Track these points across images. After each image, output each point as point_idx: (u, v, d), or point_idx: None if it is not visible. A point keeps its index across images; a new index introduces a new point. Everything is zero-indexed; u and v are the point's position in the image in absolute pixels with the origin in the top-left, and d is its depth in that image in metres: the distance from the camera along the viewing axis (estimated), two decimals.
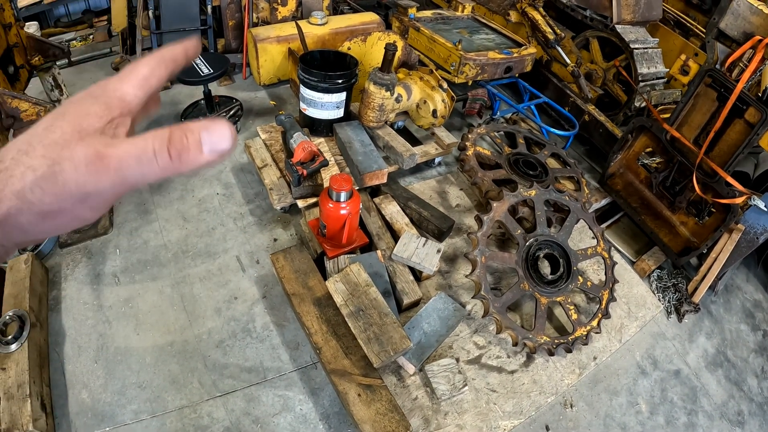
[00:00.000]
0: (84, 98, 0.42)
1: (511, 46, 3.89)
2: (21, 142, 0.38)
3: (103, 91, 0.42)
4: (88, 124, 0.39)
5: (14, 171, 0.37)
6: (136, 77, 0.45)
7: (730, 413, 2.58)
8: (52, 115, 0.40)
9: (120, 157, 0.37)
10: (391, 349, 2.13)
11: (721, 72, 2.65)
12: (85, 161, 0.37)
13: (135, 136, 0.39)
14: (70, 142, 0.37)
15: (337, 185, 2.36)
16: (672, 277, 3.09)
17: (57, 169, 0.37)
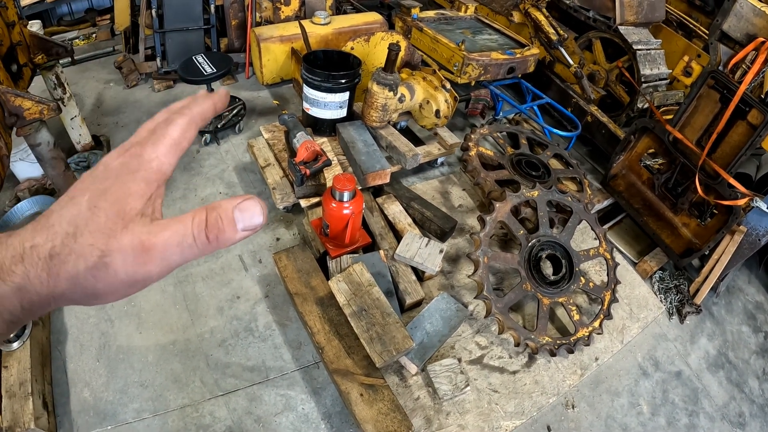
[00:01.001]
0: (123, 173, 0.42)
1: (514, 46, 3.89)
2: (67, 221, 0.39)
3: (139, 163, 0.43)
4: (130, 207, 0.41)
5: (66, 257, 0.38)
6: (169, 141, 0.45)
7: (731, 415, 2.58)
8: (93, 190, 0.41)
9: (163, 246, 0.40)
10: (394, 349, 2.13)
11: (724, 73, 2.65)
12: (133, 253, 0.39)
13: (173, 220, 0.41)
14: (116, 230, 0.39)
15: (340, 185, 2.36)
16: (674, 278, 3.09)
17: (107, 260, 0.39)
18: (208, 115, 0.49)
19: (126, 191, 0.41)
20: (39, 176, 3.12)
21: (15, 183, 3.13)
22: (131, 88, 4.21)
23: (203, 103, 0.49)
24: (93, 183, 0.42)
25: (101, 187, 0.41)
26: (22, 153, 2.96)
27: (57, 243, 0.39)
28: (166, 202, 3.14)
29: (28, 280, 0.38)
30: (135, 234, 0.40)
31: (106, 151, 3.45)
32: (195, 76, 3.34)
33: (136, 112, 3.93)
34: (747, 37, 2.67)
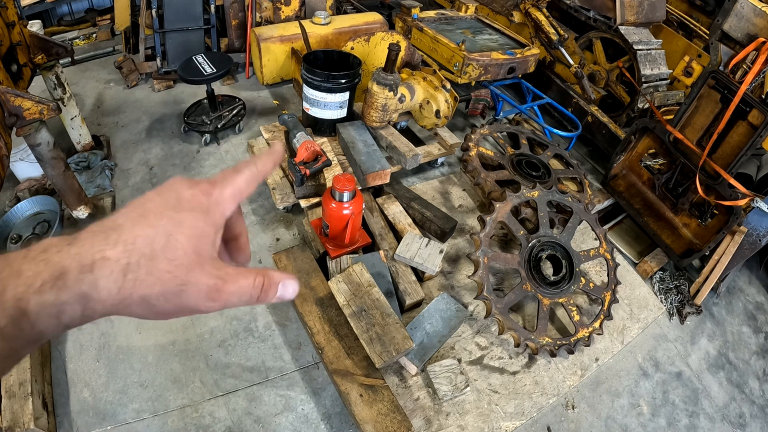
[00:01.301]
0: (196, 208, 0.46)
1: (515, 46, 3.89)
2: (143, 242, 0.42)
3: (209, 203, 0.48)
4: (203, 247, 0.46)
5: (144, 278, 0.41)
6: (235, 188, 0.51)
7: (732, 415, 2.57)
8: (169, 218, 0.44)
9: (229, 294, 0.45)
10: (394, 349, 2.13)
11: (725, 74, 2.64)
12: (206, 291, 0.44)
13: (239, 274, 0.47)
14: (194, 267, 0.44)
15: (340, 185, 2.36)
16: (674, 278, 3.08)
17: (183, 289, 0.43)
18: (269, 172, 0.55)
19: (200, 231, 0.45)
20: (39, 176, 3.12)
21: (15, 183, 3.13)
22: (131, 88, 4.21)
23: (267, 162, 0.55)
24: (166, 209, 0.45)
25: (177, 217, 0.45)
26: (22, 153, 2.96)
27: (132, 261, 0.41)
28: None
29: (95, 290, 0.40)
30: (210, 275, 0.45)
31: (106, 151, 3.45)
32: (195, 76, 3.34)
33: (136, 112, 3.93)
34: (748, 37, 2.66)
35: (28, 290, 0.39)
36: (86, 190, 2.96)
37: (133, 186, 3.26)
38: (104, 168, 3.27)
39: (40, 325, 0.40)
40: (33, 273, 0.39)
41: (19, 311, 0.39)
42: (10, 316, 0.39)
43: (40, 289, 0.39)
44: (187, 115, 3.70)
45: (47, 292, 0.39)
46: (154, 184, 3.28)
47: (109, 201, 3.08)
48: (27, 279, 0.39)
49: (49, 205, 3.02)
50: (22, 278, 0.39)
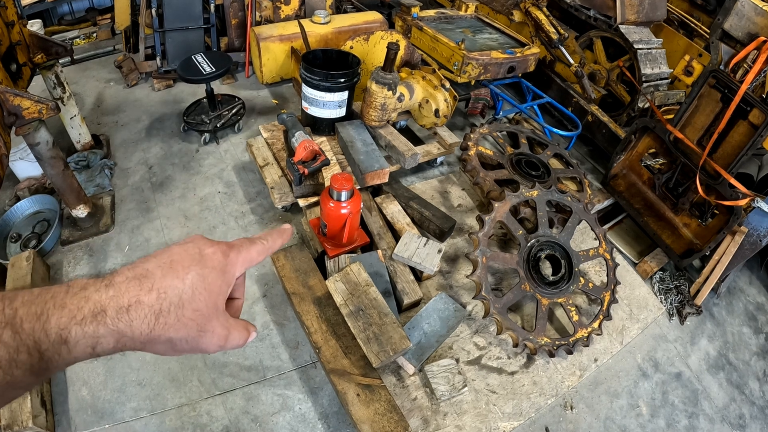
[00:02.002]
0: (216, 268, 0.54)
1: (515, 45, 3.88)
2: (173, 293, 0.49)
3: (225, 264, 0.55)
4: (219, 302, 0.54)
5: (173, 323, 0.49)
6: (247, 256, 0.59)
7: (732, 416, 2.56)
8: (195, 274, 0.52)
9: (230, 341, 0.55)
10: (391, 349, 2.13)
11: (726, 73, 2.63)
12: (218, 339, 0.54)
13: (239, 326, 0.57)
14: (211, 318, 0.53)
15: (338, 184, 2.36)
16: (674, 279, 3.07)
17: (201, 335, 0.52)
18: (276, 249, 0.64)
19: (218, 288, 0.54)
20: (39, 175, 3.12)
21: (15, 182, 3.14)
22: (131, 88, 4.21)
23: (277, 239, 0.64)
24: (192, 264, 0.52)
25: (201, 273, 0.52)
26: (22, 152, 2.97)
27: (164, 308, 0.48)
28: (164, 201, 3.15)
29: (130, 329, 0.47)
30: (222, 326, 0.54)
31: (106, 150, 3.45)
32: (194, 76, 3.34)
33: (136, 112, 3.94)
34: (748, 37, 2.65)
35: (71, 321, 0.45)
36: (86, 189, 2.97)
37: (133, 185, 3.27)
38: (104, 167, 3.27)
39: (75, 352, 0.46)
40: (76, 307, 0.46)
41: (61, 339, 0.45)
42: (52, 342, 0.45)
43: (81, 321, 0.45)
44: (187, 114, 3.71)
45: (87, 325, 0.46)
46: (153, 183, 3.28)
47: (108, 200, 3.09)
48: (70, 311, 0.46)
49: (49, 204, 3.03)
50: (66, 310, 0.45)
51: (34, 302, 0.45)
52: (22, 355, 0.43)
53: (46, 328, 0.44)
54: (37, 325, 0.44)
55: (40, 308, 0.45)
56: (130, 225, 2.99)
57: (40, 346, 0.44)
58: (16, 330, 0.43)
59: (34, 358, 0.44)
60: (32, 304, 0.45)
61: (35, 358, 0.44)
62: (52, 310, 0.45)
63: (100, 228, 2.93)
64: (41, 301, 0.46)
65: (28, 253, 2.52)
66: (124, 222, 3.01)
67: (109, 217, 2.99)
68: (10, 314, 0.44)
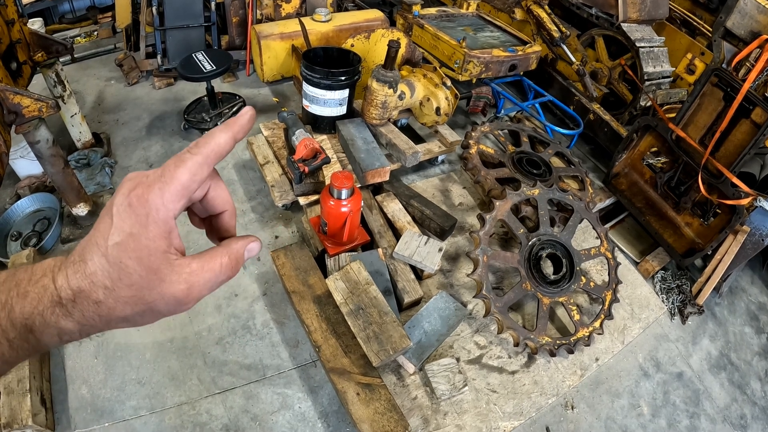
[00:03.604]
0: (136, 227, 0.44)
1: (516, 44, 3.86)
2: (101, 274, 0.44)
3: (148, 215, 0.44)
4: (155, 263, 0.45)
5: (114, 306, 0.45)
6: (176, 186, 0.45)
7: (733, 417, 2.55)
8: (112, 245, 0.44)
9: (200, 289, 0.47)
10: (391, 348, 2.12)
11: (728, 71, 2.61)
12: (174, 300, 0.46)
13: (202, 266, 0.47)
14: (153, 284, 0.45)
15: (338, 182, 2.35)
16: (676, 278, 3.06)
17: (153, 305, 0.46)
18: (224, 150, 0.48)
19: (146, 249, 0.44)
20: (39, 173, 3.12)
21: (15, 180, 3.14)
22: (132, 86, 4.21)
23: (219, 138, 0.48)
24: (113, 230, 0.44)
25: (119, 240, 0.44)
26: (23, 150, 2.97)
27: (100, 294, 0.44)
28: None
29: (83, 317, 0.45)
30: (174, 282, 0.45)
31: (106, 148, 3.45)
32: (195, 74, 3.34)
33: (137, 110, 3.93)
34: (751, 35, 2.64)
35: (33, 312, 0.45)
36: (86, 188, 2.96)
37: None
38: (104, 165, 3.27)
39: (44, 339, 0.46)
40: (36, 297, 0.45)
41: (26, 328, 0.45)
42: (18, 330, 0.45)
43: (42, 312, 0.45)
44: (188, 112, 3.70)
45: (48, 315, 0.45)
46: None
47: (108, 198, 3.08)
48: (32, 301, 0.45)
49: (49, 203, 3.03)
50: (28, 300, 0.45)
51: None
52: None
53: (11, 317, 0.44)
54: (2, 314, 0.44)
55: (4, 297, 0.45)
56: None
57: (8, 335, 0.45)
58: None
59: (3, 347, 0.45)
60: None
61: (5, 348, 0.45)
62: (16, 299, 0.45)
63: None
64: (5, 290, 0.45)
65: (28, 251, 2.52)
66: None
67: None
68: None
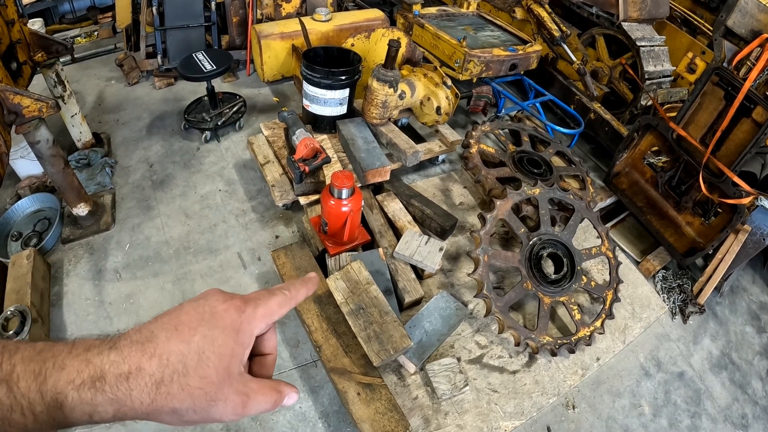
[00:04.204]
0: (228, 326, 0.49)
1: (517, 43, 3.86)
2: (176, 358, 0.45)
3: (241, 321, 0.51)
4: (233, 367, 0.49)
5: (176, 393, 0.45)
6: (267, 310, 0.54)
7: (734, 416, 2.55)
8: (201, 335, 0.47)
9: (251, 408, 0.50)
10: (391, 347, 2.12)
11: (729, 70, 2.61)
12: (233, 407, 0.48)
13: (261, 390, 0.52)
14: (223, 385, 0.47)
15: (339, 182, 2.35)
16: (677, 277, 3.05)
17: (212, 405, 0.47)
18: (300, 300, 0.59)
19: (230, 351, 0.48)
20: (40, 174, 3.12)
21: (16, 180, 3.14)
22: (132, 86, 4.21)
23: (300, 290, 0.59)
24: (200, 323, 0.48)
25: (210, 334, 0.48)
26: (23, 150, 2.97)
27: (166, 376, 0.44)
28: (165, 200, 3.14)
29: (129, 398, 0.44)
30: (238, 392, 0.49)
31: (107, 148, 3.45)
32: (195, 73, 3.34)
33: (137, 110, 3.93)
34: (752, 34, 2.63)
35: (68, 385, 0.43)
36: (86, 188, 2.96)
37: (133, 183, 3.26)
38: (105, 165, 3.27)
39: (72, 418, 0.43)
40: (75, 370, 0.43)
41: (57, 403, 0.42)
42: (47, 405, 0.42)
43: (79, 386, 0.43)
44: (188, 112, 3.70)
45: (85, 390, 0.43)
46: (154, 181, 3.28)
47: (109, 198, 3.08)
48: (69, 374, 0.43)
49: (50, 203, 3.03)
50: (65, 373, 0.43)
51: (34, 359, 0.43)
52: (15, 414, 0.41)
53: (42, 389, 0.42)
54: (33, 385, 0.42)
55: (39, 367, 0.43)
56: (131, 223, 2.98)
57: (34, 408, 0.42)
58: (11, 387, 0.41)
59: (28, 419, 0.42)
60: (32, 361, 0.43)
61: (29, 420, 0.42)
62: (51, 371, 0.43)
63: (101, 226, 2.93)
64: (41, 359, 0.43)
65: (28, 251, 2.52)
66: (125, 220, 3.00)
67: (109, 216, 2.99)
68: (8, 370, 0.42)
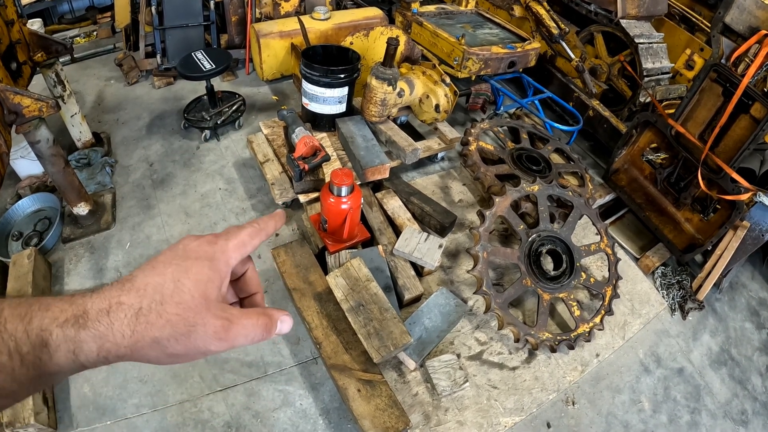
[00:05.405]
0: (201, 256, 0.51)
1: (515, 40, 3.86)
2: (153, 288, 0.47)
3: (214, 251, 0.53)
4: (210, 292, 0.50)
5: (154, 321, 0.46)
6: (238, 241, 0.56)
7: (734, 412, 2.55)
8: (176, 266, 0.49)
9: (236, 333, 0.50)
10: (391, 344, 2.13)
11: (727, 67, 2.62)
12: (213, 331, 0.48)
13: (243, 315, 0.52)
14: (201, 309, 0.48)
15: (338, 180, 2.35)
16: (676, 274, 3.06)
17: (192, 330, 0.47)
18: (270, 232, 0.61)
19: (206, 277, 0.50)
20: (40, 173, 3.13)
21: (16, 180, 3.15)
22: (132, 85, 4.21)
23: (269, 222, 0.61)
24: (174, 258, 0.50)
25: (183, 264, 0.50)
26: (23, 150, 2.97)
27: (144, 305, 0.46)
28: (165, 198, 3.15)
29: (111, 331, 0.45)
30: (217, 316, 0.49)
31: (106, 147, 3.46)
32: (194, 73, 3.34)
33: (137, 109, 3.94)
34: (750, 30, 2.64)
35: (52, 323, 0.44)
36: (87, 187, 2.97)
37: (134, 182, 3.27)
38: (104, 165, 3.28)
39: (57, 358, 0.44)
40: (59, 309, 0.45)
41: (41, 341, 0.44)
42: (32, 343, 0.43)
43: (63, 323, 0.44)
44: (187, 111, 3.71)
45: (68, 327, 0.44)
46: (154, 180, 3.28)
47: (109, 197, 3.09)
48: (53, 313, 0.45)
49: (50, 202, 3.03)
50: (49, 312, 0.45)
51: (21, 304, 0.45)
52: (3, 356, 0.42)
53: (28, 329, 0.43)
54: (19, 326, 0.43)
55: (24, 310, 0.45)
56: (131, 222, 2.99)
57: (20, 348, 0.43)
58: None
59: (15, 361, 0.43)
60: (19, 306, 0.45)
61: (16, 362, 0.43)
62: (36, 312, 0.45)
63: (101, 225, 2.93)
64: (28, 304, 0.45)
65: (29, 251, 2.53)
66: (125, 219, 3.01)
67: (110, 215, 2.99)
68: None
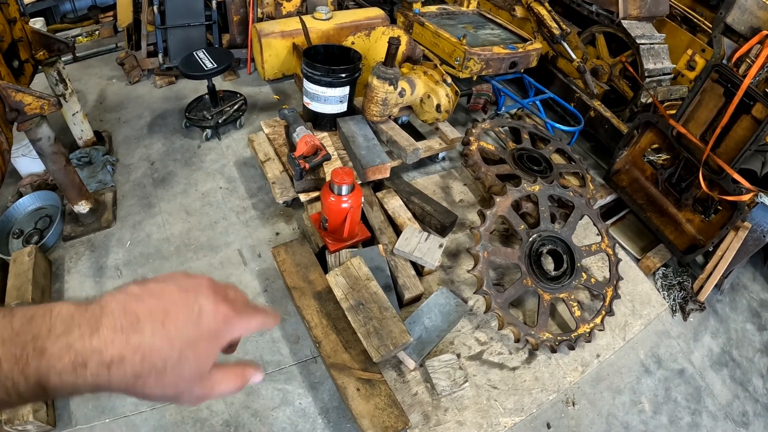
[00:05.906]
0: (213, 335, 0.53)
1: (517, 41, 3.86)
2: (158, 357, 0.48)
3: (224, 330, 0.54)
4: (205, 368, 0.53)
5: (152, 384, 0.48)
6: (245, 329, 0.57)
7: (735, 414, 2.54)
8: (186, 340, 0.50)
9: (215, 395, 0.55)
10: (391, 343, 2.12)
11: (728, 67, 2.61)
12: (196, 398, 0.54)
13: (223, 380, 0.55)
14: (193, 384, 0.52)
15: (339, 179, 2.35)
16: (677, 274, 3.05)
17: (179, 395, 0.52)
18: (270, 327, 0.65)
19: (207, 356, 0.52)
20: (41, 171, 3.13)
21: (17, 178, 3.15)
22: (133, 85, 4.22)
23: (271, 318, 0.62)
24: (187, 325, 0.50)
25: (194, 339, 0.51)
26: (24, 148, 2.98)
27: (145, 371, 0.47)
28: (166, 197, 3.15)
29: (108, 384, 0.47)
30: (202, 387, 0.53)
31: (108, 146, 3.46)
32: (196, 72, 3.34)
33: (138, 108, 3.94)
34: (751, 31, 2.63)
35: (50, 371, 0.44)
36: (88, 185, 2.97)
37: (135, 181, 3.27)
38: (106, 163, 3.28)
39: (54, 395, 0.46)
40: (56, 356, 0.44)
41: (40, 386, 0.45)
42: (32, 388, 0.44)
43: (60, 371, 0.44)
44: (189, 110, 3.71)
45: (68, 375, 0.45)
46: (155, 179, 3.29)
47: (110, 196, 3.09)
48: (50, 360, 0.44)
49: (51, 200, 3.04)
50: (45, 358, 0.44)
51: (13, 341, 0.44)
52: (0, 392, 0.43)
53: (26, 373, 0.44)
54: (15, 368, 0.43)
55: (19, 351, 0.44)
56: (132, 220, 2.99)
57: (18, 387, 0.44)
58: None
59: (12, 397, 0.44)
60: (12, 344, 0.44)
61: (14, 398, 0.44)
62: (32, 355, 0.44)
63: (102, 224, 2.93)
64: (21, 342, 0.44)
65: (30, 248, 2.53)
66: (126, 218, 3.01)
67: (110, 213, 3.00)
68: None
